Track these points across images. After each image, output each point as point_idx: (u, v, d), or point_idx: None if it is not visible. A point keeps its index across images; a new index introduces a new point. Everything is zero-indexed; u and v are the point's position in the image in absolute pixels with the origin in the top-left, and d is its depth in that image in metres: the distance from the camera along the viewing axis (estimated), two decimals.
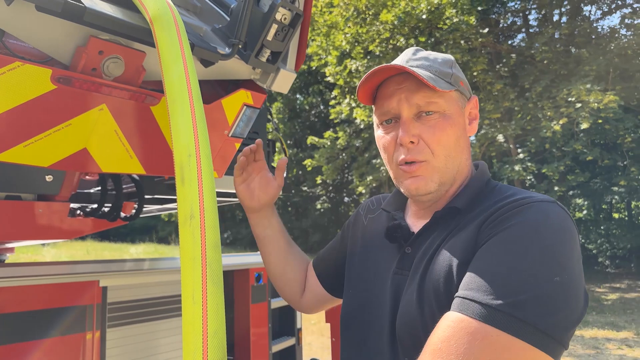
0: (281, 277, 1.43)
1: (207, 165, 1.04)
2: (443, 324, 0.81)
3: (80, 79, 1.20)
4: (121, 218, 2.07)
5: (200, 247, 0.97)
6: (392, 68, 1.00)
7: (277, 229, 1.43)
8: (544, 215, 0.86)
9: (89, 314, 2.13)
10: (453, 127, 1.01)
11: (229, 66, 1.51)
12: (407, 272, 1.00)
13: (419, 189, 1.01)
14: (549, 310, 0.77)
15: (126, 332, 2.34)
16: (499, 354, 0.74)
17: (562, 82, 10.27)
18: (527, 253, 0.81)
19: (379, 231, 1.16)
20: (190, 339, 0.90)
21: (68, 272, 2.08)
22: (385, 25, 10.17)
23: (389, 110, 1.04)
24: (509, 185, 1.05)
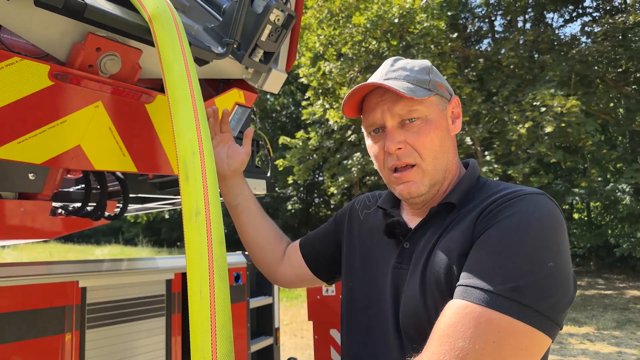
0: (255, 246, 1.47)
1: (211, 163, 1.06)
2: (448, 311, 0.86)
3: (77, 76, 1.19)
4: (105, 217, 2.04)
5: (207, 243, 0.98)
6: (369, 85, 1.08)
7: (248, 197, 1.47)
8: (536, 206, 0.93)
9: (68, 315, 2.10)
10: (436, 130, 1.08)
11: (222, 65, 1.53)
12: (407, 266, 1.05)
13: (411, 193, 1.08)
14: (546, 293, 0.84)
15: (106, 332, 2.31)
16: (502, 335, 0.80)
17: (528, 86, 10.61)
18: (522, 242, 0.88)
19: (376, 227, 1.21)
20: (199, 332, 0.91)
21: (46, 272, 2.04)
22: (358, 28, 10.29)
23: (374, 122, 1.11)
24: (498, 181, 1.12)
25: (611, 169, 14.46)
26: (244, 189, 1.48)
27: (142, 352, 2.51)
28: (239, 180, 1.48)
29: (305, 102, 13.62)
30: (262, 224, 1.48)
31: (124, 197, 1.97)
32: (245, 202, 1.47)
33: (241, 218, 1.47)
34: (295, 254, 1.44)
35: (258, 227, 1.47)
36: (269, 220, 1.50)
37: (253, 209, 1.47)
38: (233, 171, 1.45)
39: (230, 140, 1.48)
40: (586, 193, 12.46)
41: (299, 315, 9.65)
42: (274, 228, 1.51)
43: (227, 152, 1.46)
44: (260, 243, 1.47)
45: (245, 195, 1.47)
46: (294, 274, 1.44)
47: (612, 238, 14.28)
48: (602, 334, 7.73)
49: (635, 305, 10.29)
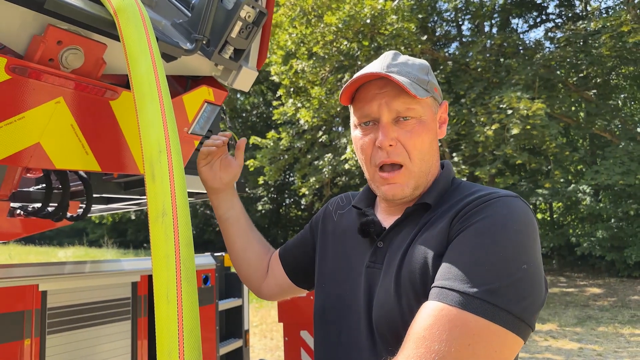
0: (243, 260, 1.46)
1: (178, 162, 1.03)
2: (424, 313, 0.86)
3: (37, 70, 1.13)
4: (67, 218, 1.96)
5: (174, 245, 0.95)
6: (375, 75, 1.05)
7: (239, 210, 1.47)
8: (510, 209, 0.94)
9: (27, 320, 2.02)
10: (427, 133, 1.08)
11: (191, 62, 1.49)
12: (380, 265, 1.05)
13: (395, 195, 1.08)
14: (520, 296, 0.84)
15: (68, 338, 2.24)
16: (477, 338, 0.81)
17: (494, 89, 10.85)
18: (497, 244, 0.88)
19: (350, 227, 1.20)
20: (165, 338, 0.88)
21: (4, 276, 1.96)
22: (330, 28, 10.29)
23: (369, 113, 1.09)
24: (471, 183, 1.13)
25: (572, 170, 14.97)
26: (234, 202, 1.47)
27: (106, 357, 2.44)
28: (231, 193, 1.47)
29: (277, 102, 13.55)
30: (252, 239, 1.47)
31: (87, 197, 1.90)
32: (235, 216, 1.45)
33: (231, 232, 1.45)
34: (276, 265, 1.43)
35: (247, 242, 1.46)
36: (257, 234, 1.49)
37: (243, 223, 1.46)
38: (225, 184, 1.45)
39: (224, 152, 1.47)
40: (549, 194, 12.85)
41: (268, 317, 9.60)
42: (262, 242, 1.50)
43: (220, 164, 1.45)
44: (249, 258, 1.46)
45: (236, 208, 1.46)
46: (277, 284, 1.43)
47: (573, 237, 14.77)
48: (564, 331, 7.97)
49: (595, 302, 10.67)
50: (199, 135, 1.64)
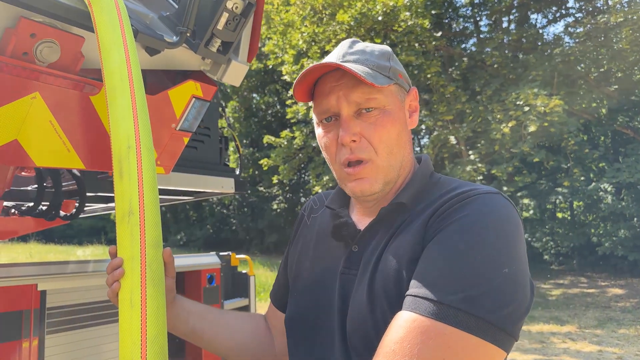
0: (245, 350, 1.23)
1: (149, 159, 0.97)
2: (395, 324, 0.78)
3: (9, 64, 1.09)
4: (60, 217, 1.94)
5: (140, 246, 0.90)
6: (327, 65, 0.97)
7: (198, 312, 1.23)
8: (489, 207, 0.86)
9: (25, 320, 2.00)
10: (394, 123, 0.99)
11: (177, 56, 1.44)
12: (355, 272, 0.96)
13: (364, 191, 0.99)
14: (500, 303, 0.76)
15: (67, 338, 2.21)
16: (453, 351, 0.73)
17: (511, 86, 10.65)
18: (474, 246, 0.80)
19: (323, 230, 1.12)
20: (128, 346, 0.83)
21: (3, 275, 1.94)
22: (342, 26, 10.22)
23: (328, 108, 1.00)
24: (452, 178, 1.04)
25: (593, 168, 14.62)
26: (186, 308, 1.20)
27: (106, 358, 2.41)
28: (178, 306, 1.19)
29: (290, 101, 13.53)
30: (234, 325, 1.24)
31: (80, 196, 1.87)
32: (198, 321, 1.20)
33: (209, 337, 1.21)
34: (276, 317, 1.25)
35: (232, 332, 1.23)
36: (233, 315, 1.30)
37: (212, 320, 1.22)
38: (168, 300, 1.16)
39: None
40: (569, 192, 12.58)
41: None
42: (243, 318, 1.30)
43: None
44: (247, 344, 1.23)
45: (193, 313, 1.21)
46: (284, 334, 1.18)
47: (594, 237, 14.43)
48: (583, 333, 7.77)
49: (617, 303, 10.39)
50: (188, 131, 1.59)
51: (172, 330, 1.18)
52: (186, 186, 2.11)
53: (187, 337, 1.21)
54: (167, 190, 2.25)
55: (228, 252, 3.46)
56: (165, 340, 0.86)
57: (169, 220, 27.90)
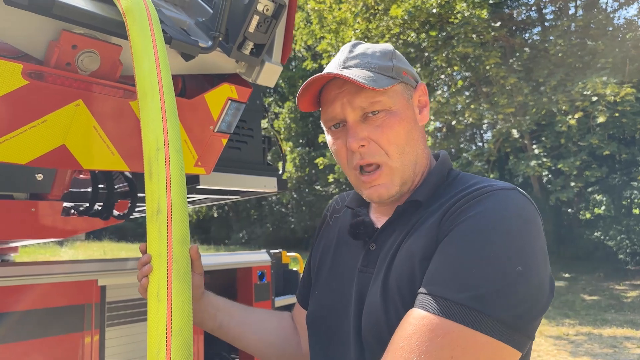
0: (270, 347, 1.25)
1: (177, 160, 1.01)
2: (405, 321, 0.78)
3: (54, 74, 1.18)
4: (114, 216, 2.06)
5: (167, 243, 0.94)
6: (325, 76, 0.97)
7: (226, 309, 1.25)
8: (504, 203, 0.84)
9: (87, 313, 2.13)
10: (402, 122, 0.97)
11: (213, 60, 1.48)
12: (372, 270, 0.96)
13: (381, 197, 0.98)
14: (512, 301, 0.74)
15: (125, 331, 2.33)
16: (461, 349, 0.72)
17: (577, 75, 10.07)
18: (486, 244, 0.78)
19: (343, 229, 1.12)
20: (154, 337, 0.87)
21: (67, 271, 2.08)
22: (395, 21, 10.08)
23: (334, 116, 1.00)
24: (471, 174, 1.01)
25: None
26: (214, 304, 1.24)
27: None
28: (205, 302, 1.22)
29: None
30: (258, 322, 1.27)
31: (131, 197, 1.98)
32: (227, 316, 1.23)
33: (236, 333, 1.23)
34: (300, 315, 1.25)
35: (257, 329, 1.25)
36: (258, 312, 1.32)
37: (238, 316, 1.24)
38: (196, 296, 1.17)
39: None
40: None
41: None
42: (270, 315, 1.32)
43: None
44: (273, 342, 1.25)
45: (221, 309, 1.24)
46: None
47: None
48: None
49: None
50: (226, 133, 1.64)
51: (201, 325, 1.22)
52: (230, 186, 2.17)
53: (214, 332, 1.23)
54: (213, 190, 2.32)
55: (279, 250, 3.53)
56: (191, 333, 0.89)
57: (231, 219, 28.79)
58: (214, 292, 1.28)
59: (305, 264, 1.29)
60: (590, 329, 7.54)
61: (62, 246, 17.02)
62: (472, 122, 12.45)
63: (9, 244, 3.07)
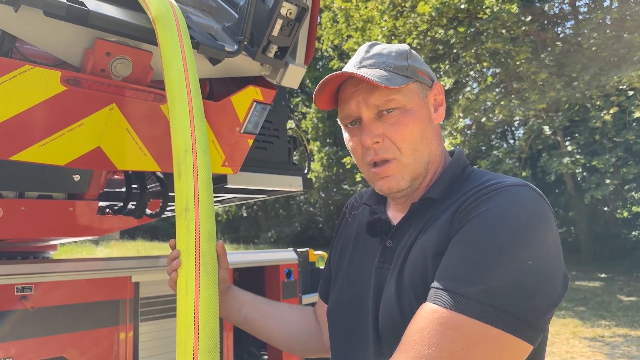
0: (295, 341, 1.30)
1: (204, 160, 1.06)
2: (418, 315, 0.81)
3: (89, 80, 1.25)
4: (147, 215, 2.14)
5: (195, 239, 0.99)
6: (341, 75, 1.01)
7: (249, 301, 1.30)
8: (514, 199, 0.85)
9: (122, 308, 2.21)
10: (416, 121, 1.00)
11: (238, 63, 1.53)
12: (389, 266, 0.99)
13: (391, 188, 1.02)
14: (522, 295, 0.76)
15: (158, 326, 2.40)
16: (472, 342, 0.74)
17: (612, 69, 9.75)
18: (496, 239, 0.80)
19: (362, 226, 1.15)
20: (183, 328, 0.92)
21: (102, 268, 2.17)
22: (423, 17, 10.01)
23: (350, 114, 1.04)
24: (485, 171, 1.02)
25: None
26: (239, 298, 1.29)
27: None
28: (230, 296, 1.28)
29: None
30: (283, 316, 1.31)
31: (163, 196, 2.05)
32: (252, 310, 1.28)
33: (259, 326, 1.28)
34: (322, 310, 1.29)
35: (282, 323, 1.30)
36: (283, 307, 1.37)
37: (264, 310, 1.30)
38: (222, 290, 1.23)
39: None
40: None
41: None
42: (293, 309, 1.37)
43: None
44: (297, 335, 1.30)
45: (247, 303, 1.29)
46: None
47: None
48: None
49: None
50: (252, 134, 1.68)
51: (226, 318, 1.28)
52: (257, 185, 2.23)
53: (239, 325, 1.29)
54: (240, 189, 2.38)
55: (306, 249, 3.57)
56: (217, 324, 0.94)
57: (260, 218, 29.06)
58: (238, 287, 1.33)
59: (326, 260, 1.33)
60: (627, 330, 7.31)
61: (97, 245, 17.55)
62: (503, 119, 12.22)
63: (48, 242, 3.21)
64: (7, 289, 1.81)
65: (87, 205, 2.06)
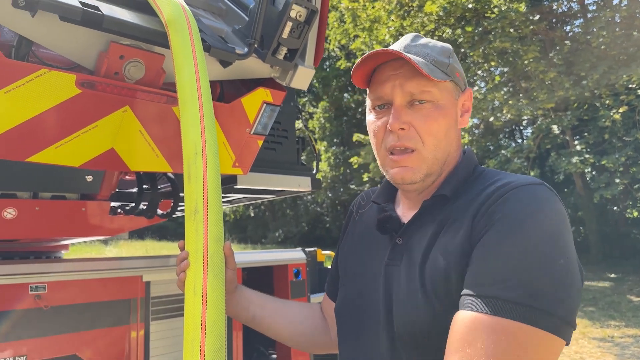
0: (302, 338, 1.32)
1: (213, 163, 1.08)
2: (462, 326, 0.80)
3: (103, 83, 1.27)
4: (158, 215, 2.17)
5: (203, 241, 1.01)
6: (389, 53, 1.00)
7: (257, 300, 1.32)
8: (534, 198, 0.86)
9: (133, 307, 2.23)
10: (445, 118, 1.00)
11: (248, 65, 1.55)
12: (399, 263, 0.99)
13: (405, 179, 1.01)
14: (562, 294, 0.78)
15: (168, 325, 2.42)
16: (525, 346, 0.75)
17: (622, 67, 9.68)
18: (528, 241, 0.81)
19: (370, 224, 1.15)
20: (190, 328, 0.94)
21: (114, 267, 2.19)
22: (430, 17, 9.99)
23: (382, 95, 1.03)
24: (496, 170, 1.03)
25: None
26: (247, 297, 1.31)
27: None
28: (238, 294, 1.30)
29: None
30: (290, 314, 1.33)
31: (174, 197, 2.08)
32: (260, 308, 1.30)
33: (267, 324, 1.31)
34: (328, 307, 1.31)
35: (290, 321, 1.32)
36: (290, 304, 1.39)
37: (271, 308, 1.32)
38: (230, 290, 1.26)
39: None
40: None
41: None
42: (301, 306, 1.38)
43: None
44: (305, 332, 1.32)
45: (254, 301, 1.31)
46: None
47: None
48: None
49: None
50: (262, 135, 1.70)
51: (235, 316, 1.30)
52: (266, 185, 2.25)
53: (248, 323, 1.31)
54: (249, 190, 2.40)
55: (314, 248, 3.58)
56: (223, 324, 0.96)
57: (267, 218, 29.10)
58: (252, 289, 1.35)
59: (333, 258, 1.35)
60: (637, 331, 7.26)
61: (106, 245, 17.66)
62: (511, 118, 12.17)
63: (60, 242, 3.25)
64: (21, 288, 1.84)
65: (100, 206, 2.09)
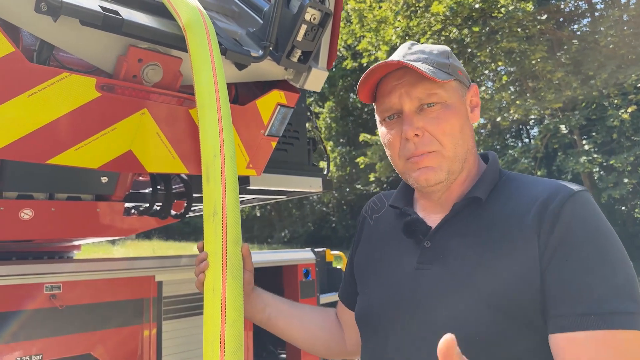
0: (315, 341, 1.33)
1: (231, 166, 1.10)
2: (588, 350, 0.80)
3: (122, 86, 1.29)
4: (171, 216, 2.19)
5: (222, 242, 1.03)
6: (390, 64, 1.01)
7: (273, 302, 1.33)
8: (591, 207, 0.91)
9: (145, 307, 2.25)
10: (456, 116, 1.01)
11: (263, 68, 1.56)
12: (429, 266, 0.99)
13: (429, 180, 1.01)
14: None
15: (180, 324, 2.44)
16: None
17: (630, 67, 9.63)
18: (608, 250, 0.86)
19: (389, 228, 1.15)
20: (210, 327, 0.96)
21: (126, 267, 2.21)
22: (437, 17, 9.99)
23: (390, 106, 1.04)
24: (524, 174, 1.05)
25: None
26: (263, 299, 1.32)
27: None
28: (254, 296, 1.31)
29: None
30: (305, 316, 1.34)
31: (187, 197, 2.09)
32: (275, 310, 1.32)
33: (282, 326, 1.32)
34: (345, 315, 1.31)
35: (304, 324, 1.33)
36: (305, 308, 1.39)
37: (287, 310, 1.33)
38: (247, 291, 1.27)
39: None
40: None
41: None
42: (316, 310, 1.39)
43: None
44: (318, 336, 1.33)
45: (270, 304, 1.32)
46: (357, 332, 1.21)
47: None
48: None
49: None
50: (275, 136, 1.72)
51: (251, 318, 1.30)
52: (278, 186, 2.26)
53: (263, 325, 1.31)
54: (262, 190, 2.42)
55: (323, 248, 3.59)
56: (242, 325, 0.98)
57: (273, 218, 29.16)
58: (261, 289, 1.36)
59: (347, 264, 1.34)
60: None
61: (114, 245, 17.75)
62: (518, 118, 12.13)
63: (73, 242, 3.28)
64: (37, 288, 1.86)
65: (114, 207, 2.11)
